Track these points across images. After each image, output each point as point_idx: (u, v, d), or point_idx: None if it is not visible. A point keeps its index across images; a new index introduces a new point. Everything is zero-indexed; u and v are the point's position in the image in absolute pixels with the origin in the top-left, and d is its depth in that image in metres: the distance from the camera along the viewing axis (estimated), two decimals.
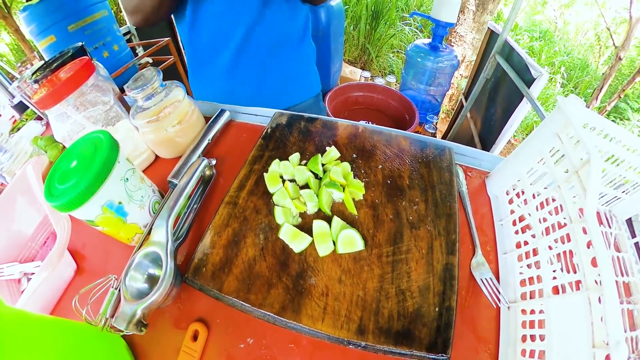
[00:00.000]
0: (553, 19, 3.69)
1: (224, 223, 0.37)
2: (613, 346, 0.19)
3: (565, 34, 3.69)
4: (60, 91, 0.41)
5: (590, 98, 2.76)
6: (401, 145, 0.45)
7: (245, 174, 0.42)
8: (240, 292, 0.31)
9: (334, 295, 0.31)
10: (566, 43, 3.53)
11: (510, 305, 0.32)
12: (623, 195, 0.38)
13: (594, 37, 3.46)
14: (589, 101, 2.76)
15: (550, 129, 0.33)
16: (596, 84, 2.78)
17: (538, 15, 3.84)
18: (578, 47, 3.52)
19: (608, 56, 3.18)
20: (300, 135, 0.47)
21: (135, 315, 0.29)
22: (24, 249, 0.45)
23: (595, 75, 3.19)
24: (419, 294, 0.31)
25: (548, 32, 3.58)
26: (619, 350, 0.19)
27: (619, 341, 0.19)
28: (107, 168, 0.33)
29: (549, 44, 3.44)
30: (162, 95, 0.47)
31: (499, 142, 1.49)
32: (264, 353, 0.31)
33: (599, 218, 0.41)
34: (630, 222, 0.41)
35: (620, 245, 0.39)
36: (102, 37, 1.40)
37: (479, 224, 0.39)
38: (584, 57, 3.38)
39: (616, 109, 2.71)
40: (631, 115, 2.61)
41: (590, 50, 3.46)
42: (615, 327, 0.20)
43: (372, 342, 0.28)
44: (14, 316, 0.22)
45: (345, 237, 0.34)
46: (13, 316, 0.22)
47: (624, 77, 2.94)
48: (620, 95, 2.41)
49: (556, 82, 3.12)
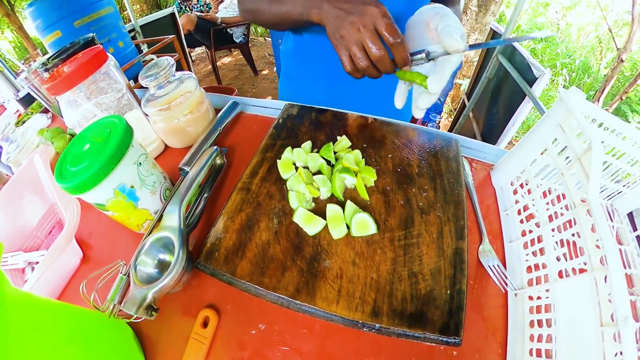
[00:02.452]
0: (555, 21, 3.71)
1: (237, 208, 0.37)
2: (621, 322, 0.19)
3: (567, 36, 3.71)
4: (73, 77, 0.41)
5: (592, 100, 2.77)
6: (410, 136, 0.46)
7: (258, 161, 0.42)
8: (254, 276, 0.31)
9: (348, 277, 0.31)
10: (568, 45, 3.55)
11: (517, 292, 0.33)
12: (624, 189, 0.38)
13: (596, 39, 3.47)
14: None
15: (552, 119, 0.34)
16: (598, 86, 2.79)
17: (540, 17, 3.86)
18: (580, 49, 3.53)
19: (611, 58, 3.19)
20: (312, 125, 0.48)
21: (145, 299, 0.29)
22: (28, 238, 0.45)
23: (597, 77, 3.20)
24: (431, 276, 0.31)
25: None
26: (628, 325, 0.19)
27: (627, 316, 0.19)
28: (121, 150, 0.33)
29: (550, 46, 3.46)
30: (174, 85, 0.47)
31: (501, 141, 1.50)
32: (276, 339, 0.31)
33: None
34: (631, 216, 0.41)
35: (622, 238, 0.39)
36: (108, 33, 1.40)
37: (485, 213, 0.40)
38: (585, 59, 3.40)
39: (617, 111, 2.71)
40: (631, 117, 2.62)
41: (592, 52, 3.47)
42: (623, 303, 0.20)
43: (386, 324, 0.28)
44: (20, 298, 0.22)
45: (359, 221, 0.34)
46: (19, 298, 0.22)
47: (626, 79, 2.94)
48: (622, 97, 2.41)
49: (558, 84, 3.13)
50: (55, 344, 0.23)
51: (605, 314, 0.21)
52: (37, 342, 0.21)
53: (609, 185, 0.38)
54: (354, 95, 0.61)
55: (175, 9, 2.06)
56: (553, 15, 3.76)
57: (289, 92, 0.68)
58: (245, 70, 3.15)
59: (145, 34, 1.88)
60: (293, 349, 0.30)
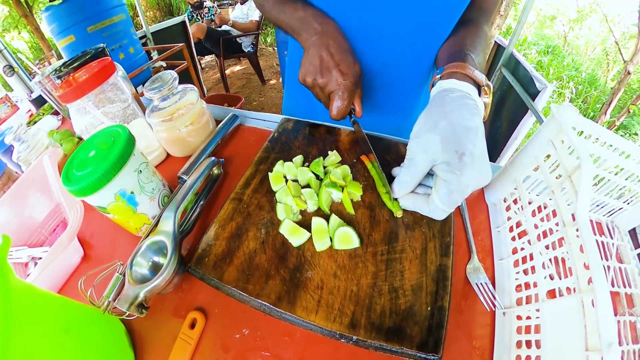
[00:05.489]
0: (562, 34, 3.70)
1: (228, 217, 0.39)
2: (605, 348, 0.19)
3: (574, 48, 3.69)
4: (82, 87, 0.44)
5: (599, 113, 2.74)
6: (400, 151, 0.47)
7: (251, 173, 0.44)
8: (239, 282, 0.33)
9: (328, 289, 0.32)
10: (575, 57, 3.53)
11: (505, 311, 0.32)
12: (625, 205, 0.37)
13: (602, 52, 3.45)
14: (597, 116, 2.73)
15: (544, 135, 0.34)
16: (605, 99, 2.76)
17: (547, 30, 3.86)
18: (587, 61, 3.51)
19: (617, 71, 3.16)
20: (305, 140, 0.50)
21: (137, 298, 0.31)
22: (33, 234, 0.47)
23: (604, 89, 3.17)
24: (412, 292, 0.31)
25: (556, 47, 3.59)
26: (612, 352, 0.18)
27: (611, 342, 0.19)
28: (123, 159, 0.35)
29: (557, 59, 3.45)
30: (177, 97, 0.50)
31: (504, 155, 1.49)
32: (259, 344, 0.32)
33: (600, 229, 0.40)
34: (633, 233, 0.40)
35: (622, 256, 0.38)
36: (120, 39, 1.46)
37: (476, 230, 0.40)
38: (592, 72, 3.37)
39: (624, 127, 2.69)
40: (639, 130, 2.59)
41: (599, 65, 3.45)
42: (608, 328, 0.19)
43: (363, 336, 0.29)
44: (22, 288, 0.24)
45: (342, 234, 0.35)
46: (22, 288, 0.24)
47: (633, 92, 2.91)
48: (629, 110, 2.39)
49: (564, 96, 3.11)
50: (51, 331, 0.25)
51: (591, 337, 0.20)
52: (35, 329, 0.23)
53: (610, 202, 0.37)
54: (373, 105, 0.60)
55: (186, 17, 2.12)
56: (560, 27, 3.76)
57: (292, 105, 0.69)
58: (253, 79, 3.21)
59: (157, 40, 1.94)
60: (274, 355, 0.31)
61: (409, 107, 0.60)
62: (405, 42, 0.48)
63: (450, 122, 0.31)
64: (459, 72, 0.36)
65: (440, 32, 0.47)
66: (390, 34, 0.47)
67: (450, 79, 0.35)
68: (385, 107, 0.59)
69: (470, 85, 0.34)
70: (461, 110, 0.32)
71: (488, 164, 0.32)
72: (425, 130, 0.33)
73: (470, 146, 0.30)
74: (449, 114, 0.32)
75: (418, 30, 0.46)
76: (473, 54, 0.39)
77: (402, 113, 0.61)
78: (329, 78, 0.40)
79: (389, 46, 0.49)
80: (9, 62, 1.43)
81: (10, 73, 1.42)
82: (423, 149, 0.32)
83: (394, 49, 0.49)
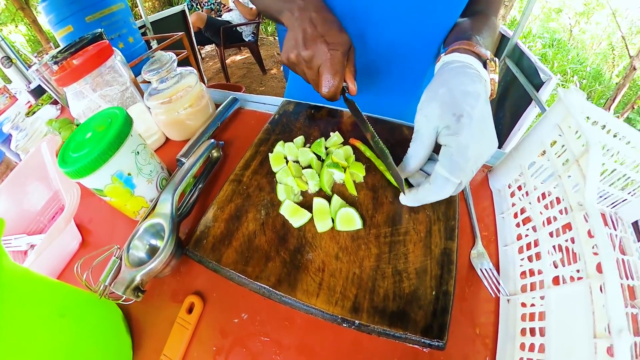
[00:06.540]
0: (567, 27, 3.65)
1: (227, 199, 0.38)
2: (616, 334, 0.18)
3: (580, 42, 3.64)
4: (79, 70, 0.43)
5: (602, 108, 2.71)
6: (403, 134, 0.46)
7: (251, 154, 0.43)
8: (238, 264, 0.32)
9: (330, 271, 0.31)
10: (580, 52, 3.48)
11: (510, 298, 0.32)
12: (629, 197, 0.37)
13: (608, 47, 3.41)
14: None
15: (551, 120, 0.33)
16: (609, 94, 2.73)
17: (552, 23, 3.80)
18: (592, 56, 3.47)
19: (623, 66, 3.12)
20: (306, 122, 0.48)
21: (134, 281, 0.30)
22: (32, 222, 0.46)
23: (609, 85, 3.14)
24: (416, 276, 0.30)
25: (561, 40, 3.54)
26: (622, 338, 0.18)
27: (621, 329, 0.18)
28: (120, 139, 0.34)
29: (561, 52, 3.40)
30: (175, 79, 0.49)
31: (507, 146, 1.48)
32: (258, 329, 0.31)
33: (604, 219, 0.40)
34: (636, 225, 0.40)
35: (625, 248, 0.37)
36: (119, 28, 1.44)
37: (481, 216, 0.39)
38: (597, 66, 3.33)
39: (628, 120, 2.66)
40: None
41: (604, 60, 3.41)
42: (618, 314, 0.19)
43: (366, 321, 0.28)
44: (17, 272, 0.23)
45: (344, 215, 0.34)
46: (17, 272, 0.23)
47: (638, 88, 2.88)
48: (633, 106, 2.37)
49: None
50: (46, 315, 0.24)
51: (599, 325, 0.20)
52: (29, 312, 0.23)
53: (614, 193, 0.37)
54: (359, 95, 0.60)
55: (186, 7, 2.09)
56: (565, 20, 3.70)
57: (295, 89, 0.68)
58: (253, 69, 3.18)
59: (156, 30, 1.92)
60: (273, 340, 0.30)
61: (414, 90, 0.59)
62: (410, 22, 0.47)
63: (448, 88, 0.31)
64: (462, 47, 0.36)
65: (447, 13, 0.46)
66: (396, 14, 0.46)
67: (453, 53, 0.35)
68: (390, 90, 0.58)
69: (473, 58, 0.34)
70: (460, 77, 0.32)
71: (493, 130, 0.31)
72: (426, 101, 0.33)
73: (469, 108, 0.29)
74: (448, 81, 0.32)
75: (424, 10, 0.45)
76: (479, 36, 0.38)
77: (407, 95, 0.59)
78: (314, 49, 0.36)
79: (394, 26, 0.48)
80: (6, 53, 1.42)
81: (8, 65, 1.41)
82: (425, 117, 0.32)
83: (399, 29, 0.48)
